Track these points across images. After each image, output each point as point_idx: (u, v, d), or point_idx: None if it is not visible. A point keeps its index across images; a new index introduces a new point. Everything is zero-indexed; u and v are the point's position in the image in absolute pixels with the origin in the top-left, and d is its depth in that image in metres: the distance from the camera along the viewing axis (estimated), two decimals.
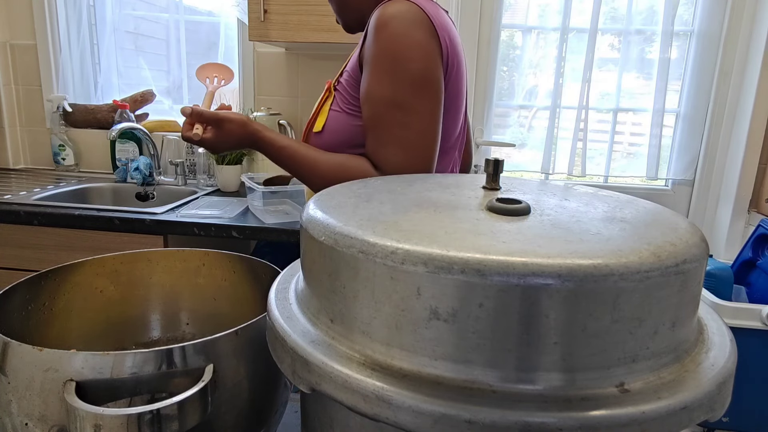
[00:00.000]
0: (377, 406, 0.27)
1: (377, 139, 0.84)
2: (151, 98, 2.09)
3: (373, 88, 0.84)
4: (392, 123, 0.83)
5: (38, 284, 0.51)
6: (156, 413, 0.35)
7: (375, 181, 0.46)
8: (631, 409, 0.26)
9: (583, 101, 1.84)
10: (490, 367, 0.27)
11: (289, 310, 0.35)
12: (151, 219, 1.43)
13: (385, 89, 0.83)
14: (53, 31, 2.02)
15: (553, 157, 1.90)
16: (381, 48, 0.83)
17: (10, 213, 1.46)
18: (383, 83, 0.83)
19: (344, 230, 0.31)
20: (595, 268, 0.26)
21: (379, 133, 0.84)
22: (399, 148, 0.83)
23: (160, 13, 2.10)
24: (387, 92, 0.83)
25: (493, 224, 0.31)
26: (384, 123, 0.84)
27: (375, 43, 0.83)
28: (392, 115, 0.83)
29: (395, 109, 0.83)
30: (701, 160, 1.88)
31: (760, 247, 1.53)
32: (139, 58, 2.14)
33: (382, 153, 0.84)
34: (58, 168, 2.05)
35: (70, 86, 2.08)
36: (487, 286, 0.26)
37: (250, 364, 0.42)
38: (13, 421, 0.39)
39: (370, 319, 0.30)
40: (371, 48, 0.84)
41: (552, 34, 1.85)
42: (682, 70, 1.86)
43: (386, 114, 0.83)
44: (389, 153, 0.84)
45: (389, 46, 0.83)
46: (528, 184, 0.43)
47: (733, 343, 0.32)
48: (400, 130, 0.83)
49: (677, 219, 0.34)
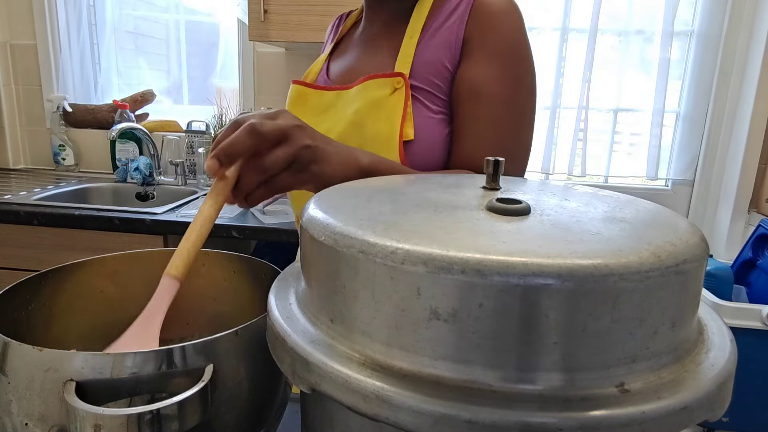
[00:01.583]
0: (377, 406, 0.27)
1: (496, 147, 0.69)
2: (151, 98, 2.09)
3: (493, 84, 0.69)
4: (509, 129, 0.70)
5: (38, 284, 0.51)
6: (156, 413, 0.35)
7: (375, 181, 0.46)
8: (631, 409, 0.26)
9: (583, 101, 1.84)
10: (490, 367, 0.27)
11: (289, 310, 0.35)
12: (151, 219, 1.43)
13: (508, 89, 0.69)
14: (53, 31, 2.02)
15: (553, 157, 1.90)
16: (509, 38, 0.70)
17: (10, 213, 1.46)
18: (506, 81, 0.69)
19: (344, 230, 0.31)
20: (595, 268, 0.26)
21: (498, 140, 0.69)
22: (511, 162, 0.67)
23: (160, 13, 2.10)
24: (510, 93, 0.69)
25: (493, 224, 0.31)
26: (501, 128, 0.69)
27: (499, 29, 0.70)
28: (510, 120, 0.70)
29: (513, 114, 0.70)
30: (701, 160, 1.88)
31: (760, 247, 1.53)
32: (139, 58, 2.15)
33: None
34: (58, 168, 2.05)
35: (70, 86, 2.08)
36: (487, 286, 0.26)
37: (250, 364, 0.42)
38: (13, 421, 0.39)
39: (370, 319, 0.30)
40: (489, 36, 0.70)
41: (552, 34, 1.85)
42: (682, 70, 1.86)
43: (505, 117, 0.69)
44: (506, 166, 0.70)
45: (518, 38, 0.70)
46: (528, 184, 0.43)
47: (733, 343, 0.32)
48: (514, 140, 0.70)
49: (677, 219, 0.34)
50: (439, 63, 0.71)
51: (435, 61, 0.71)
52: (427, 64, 0.71)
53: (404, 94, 0.70)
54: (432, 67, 0.71)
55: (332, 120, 0.76)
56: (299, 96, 0.82)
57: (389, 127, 0.69)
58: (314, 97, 0.80)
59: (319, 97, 0.80)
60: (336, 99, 0.78)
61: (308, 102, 0.80)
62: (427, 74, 0.71)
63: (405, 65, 0.72)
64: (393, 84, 0.71)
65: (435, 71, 0.71)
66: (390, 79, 0.71)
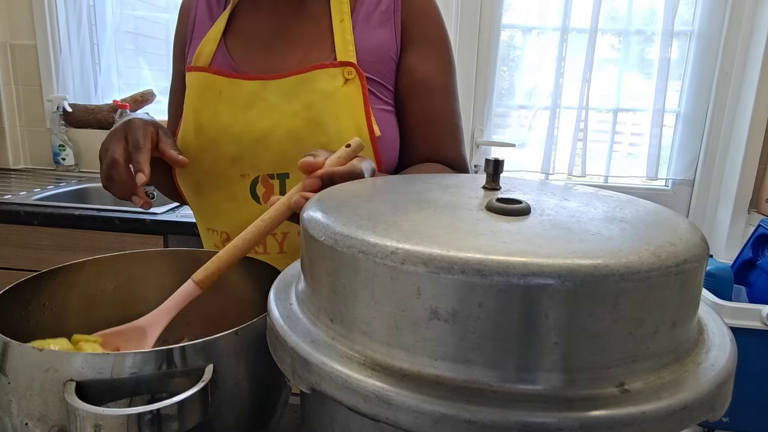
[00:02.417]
0: (377, 406, 0.27)
1: (453, 138, 0.73)
2: (151, 98, 2.09)
3: (439, 75, 0.71)
4: (456, 116, 0.73)
5: (38, 284, 0.51)
6: (156, 413, 0.35)
7: (375, 181, 0.46)
8: (631, 409, 0.26)
9: (583, 101, 1.84)
10: (490, 367, 0.27)
11: (289, 310, 0.35)
12: (151, 219, 1.43)
13: (448, 76, 0.72)
14: (53, 31, 2.01)
15: (553, 157, 1.90)
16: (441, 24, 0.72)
17: (10, 213, 1.46)
18: (446, 69, 0.72)
19: (344, 230, 0.31)
20: (595, 268, 0.26)
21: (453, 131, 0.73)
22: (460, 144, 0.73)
23: (160, 13, 2.10)
24: (450, 83, 0.72)
25: (493, 224, 0.31)
26: (453, 117, 0.72)
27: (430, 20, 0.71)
28: (455, 107, 0.73)
29: (455, 99, 0.73)
30: (701, 160, 1.88)
31: (760, 247, 1.53)
32: (139, 58, 2.14)
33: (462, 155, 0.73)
34: (58, 168, 2.05)
35: (70, 86, 2.07)
36: (487, 286, 0.26)
37: (250, 364, 0.42)
38: (13, 421, 0.39)
39: (370, 319, 0.30)
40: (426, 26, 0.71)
41: (552, 34, 1.85)
42: (682, 70, 1.86)
43: (453, 106, 0.72)
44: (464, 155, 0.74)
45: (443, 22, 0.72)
46: (528, 184, 0.43)
47: (733, 344, 0.32)
48: (459, 124, 0.73)
49: (677, 219, 0.34)
50: (384, 52, 0.68)
51: (378, 49, 0.68)
52: (371, 52, 0.67)
53: (359, 86, 0.65)
54: (377, 56, 0.68)
55: (270, 117, 0.66)
56: (208, 87, 0.69)
57: (354, 124, 0.65)
58: (228, 86, 0.68)
59: (236, 87, 0.68)
60: (261, 90, 0.67)
61: (222, 93, 0.68)
62: (374, 63, 0.67)
63: (348, 53, 0.66)
64: (343, 74, 0.65)
65: (381, 61, 0.68)
66: (338, 69, 0.65)
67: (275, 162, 0.67)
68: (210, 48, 0.72)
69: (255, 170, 0.68)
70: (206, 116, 0.69)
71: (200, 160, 0.69)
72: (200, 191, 0.72)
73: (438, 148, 0.72)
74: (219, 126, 0.68)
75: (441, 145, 0.72)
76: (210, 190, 0.71)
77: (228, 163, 0.68)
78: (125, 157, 0.60)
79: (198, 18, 0.77)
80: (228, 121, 0.68)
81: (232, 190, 0.69)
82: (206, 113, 0.69)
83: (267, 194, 0.68)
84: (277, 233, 0.69)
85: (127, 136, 0.62)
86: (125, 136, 0.62)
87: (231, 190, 0.69)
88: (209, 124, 0.68)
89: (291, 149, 0.66)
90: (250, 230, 0.49)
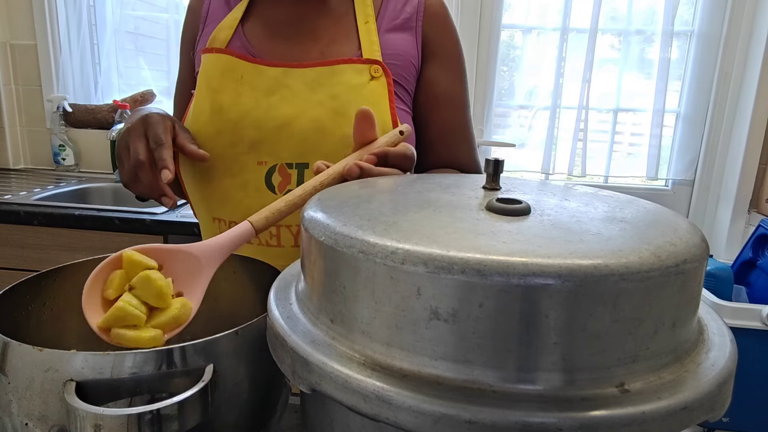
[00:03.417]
0: (377, 406, 0.27)
1: (469, 146, 0.77)
2: (151, 98, 2.09)
3: (457, 90, 0.75)
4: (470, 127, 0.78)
5: (38, 284, 0.50)
6: (156, 413, 0.35)
7: (375, 181, 0.46)
8: (631, 409, 0.26)
9: (583, 101, 1.84)
10: (490, 367, 0.27)
11: (289, 310, 0.35)
12: (151, 219, 1.43)
13: (464, 91, 0.76)
14: (53, 31, 2.01)
15: (553, 157, 1.90)
16: (457, 39, 0.75)
17: (10, 213, 1.46)
18: (462, 82, 0.76)
19: (344, 230, 0.31)
20: (595, 269, 0.26)
21: (469, 139, 0.77)
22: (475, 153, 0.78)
23: (160, 13, 2.10)
24: (465, 95, 0.76)
25: (493, 224, 0.31)
26: (469, 129, 0.77)
27: (449, 34, 0.74)
28: (469, 119, 0.78)
29: (468, 111, 0.77)
30: (701, 160, 1.88)
31: (760, 247, 1.53)
32: (139, 58, 2.14)
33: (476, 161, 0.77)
34: (58, 168, 2.05)
35: (70, 86, 2.07)
36: (487, 287, 0.26)
37: (250, 364, 0.42)
38: (13, 421, 0.39)
39: (370, 319, 0.30)
40: (446, 40, 0.73)
41: (552, 34, 1.85)
42: (682, 70, 1.86)
43: (468, 118, 0.77)
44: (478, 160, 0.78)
45: (458, 39, 0.75)
46: (528, 184, 0.43)
47: (733, 344, 0.32)
48: (472, 134, 0.78)
49: (677, 219, 0.34)
50: (405, 58, 0.70)
51: (400, 54, 0.70)
52: (393, 56, 0.69)
53: (385, 84, 0.67)
54: (399, 61, 0.70)
55: (293, 103, 0.66)
56: (229, 69, 0.68)
57: (379, 119, 0.64)
58: (250, 71, 0.68)
59: (258, 72, 0.68)
60: (284, 77, 0.67)
61: (244, 77, 0.68)
62: (395, 67, 0.69)
63: (374, 53, 0.68)
64: (370, 71, 0.67)
65: (402, 65, 0.70)
66: (365, 66, 0.67)
67: (296, 150, 0.66)
68: (226, 33, 0.72)
69: (273, 158, 0.66)
70: (226, 97, 0.67)
71: (214, 144, 0.67)
72: (209, 177, 0.69)
73: (455, 155, 0.76)
74: (240, 108, 0.66)
75: (458, 153, 0.76)
76: (220, 176, 0.68)
77: (245, 148, 0.66)
78: (149, 157, 0.60)
79: (213, 6, 0.78)
80: (250, 105, 0.66)
81: (245, 177, 0.67)
82: (226, 94, 0.67)
83: (283, 184, 0.66)
84: (292, 226, 0.67)
85: (146, 132, 0.61)
86: (145, 132, 0.61)
87: (244, 177, 0.67)
88: (230, 106, 0.66)
89: (313, 138, 0.65)
90: (304, 188, 0.49)
